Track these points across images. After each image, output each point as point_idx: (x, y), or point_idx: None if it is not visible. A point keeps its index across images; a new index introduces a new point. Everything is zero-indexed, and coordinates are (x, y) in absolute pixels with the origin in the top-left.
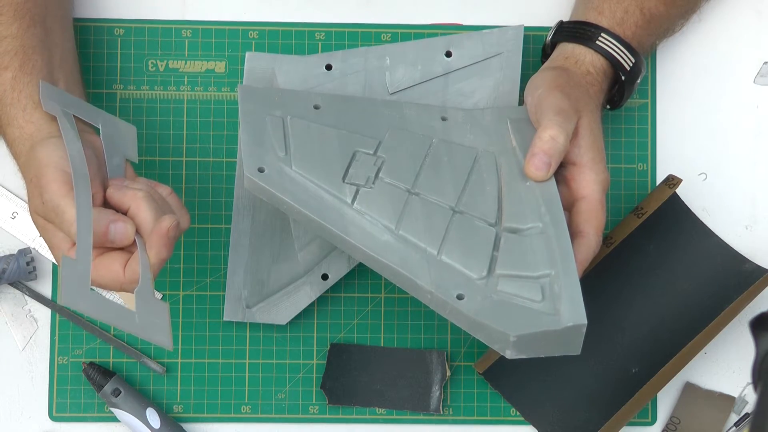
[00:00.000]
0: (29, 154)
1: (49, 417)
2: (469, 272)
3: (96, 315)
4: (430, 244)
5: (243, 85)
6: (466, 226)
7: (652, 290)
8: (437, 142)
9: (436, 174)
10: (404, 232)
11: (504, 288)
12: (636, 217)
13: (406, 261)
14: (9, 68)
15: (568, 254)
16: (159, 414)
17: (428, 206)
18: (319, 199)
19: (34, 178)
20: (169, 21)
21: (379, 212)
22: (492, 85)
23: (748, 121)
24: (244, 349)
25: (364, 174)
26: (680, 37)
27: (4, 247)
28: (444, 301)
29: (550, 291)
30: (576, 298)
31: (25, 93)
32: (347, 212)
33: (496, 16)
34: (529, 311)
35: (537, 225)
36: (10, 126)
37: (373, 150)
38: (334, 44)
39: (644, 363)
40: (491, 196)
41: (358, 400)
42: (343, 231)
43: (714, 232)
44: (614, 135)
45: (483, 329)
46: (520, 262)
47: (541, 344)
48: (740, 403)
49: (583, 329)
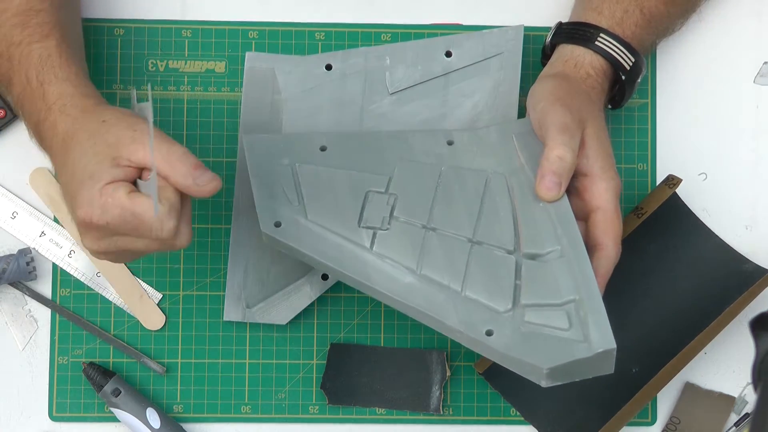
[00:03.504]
0: (98, 106)
1: (49, 417)
2: (495, 306)
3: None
4: (453, 281)
5: (248, 136)
6: (486, 257)
7: (652, 290)
8: (446, 169)
9: (450, 205)
10: (426, 271)
11: (531, 319)
12: (636, 217)
13: (432, 302)
14: (51, 36)
15: (590, 277)
16: (159, 414)
17: (446, 241)
18: (337, 247)
19: (115, 119)
20: (169, 21)
21: (399, 254)
22: (492, 85)
23: (748, 121)
24: (244, 349)
25: (378, 215)
26: (680, 37)
27: (4, 247)
28: (474, 338)
29: (577, 317)
30: (603, 323)
31: (73, 61)
32: (367, 258)
33: (496, 16)
34: (559, 340)
35: (556, 248)
36: (62, 82)
37: (384, 188)
38: (334, 44)
39: (644, 363)
40: (506, 222)
41: (358, 400)
42: (366, 278)
43: (714, 232)
44: (614, 135)
45: (515, 363)
46: (544, 290)
47: (574, 371)
48: (740, 403)
49: (613, 353)
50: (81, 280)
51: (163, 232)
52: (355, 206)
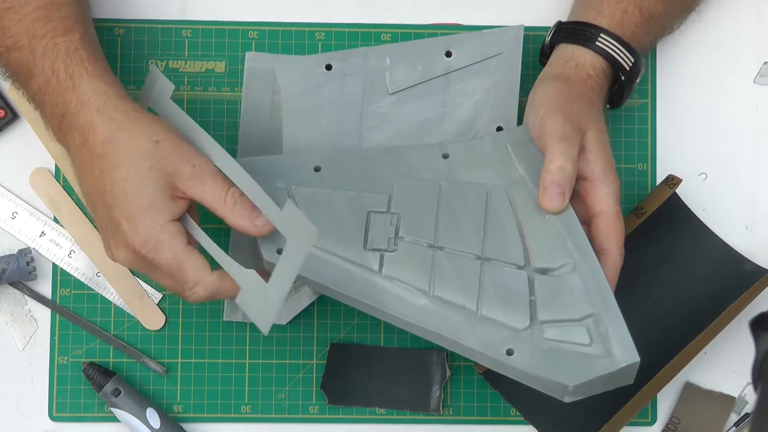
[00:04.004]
0: (137, 113)
1: (49, 417)
2: (513, 324)
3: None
4: (468, 301)
5: (241, 159)
6: (498, 275)
7: (652, 290)
8: (445, 184)
9: (454, 222)
10: (439, 292)
11: (551, 336)
12: (636, 217)
13: (449, 324)
14: (75, 30)
15: (606, 289)
16: (159, 414)
17: (455, 259)
18: (345, 272)
19: (170, 142)
20: (169, 21)
21: (410, 276)
22: (492, 85)
23: (748, 121)
24: (244, 349)
25: (384, 236)
26: (680, 37)
27: (4, 247)
28: (495, 359)
29: (597, 332)
30: (624, 336)
31: (99, 57)
32: (377, 281)
33: (496, 16)
34: (581, 356)
35: (568, 262)
36: (94, 78)
37: (385, 207)
38: (334, 44)
39: (644, 363)
40: (514, 237)
41: (358, 400)
42: (378, 303)
43: (714, 232)
44: (614, 135)
45: (538, 381)
46: (561, 305)
47: (597, 385)
48: (740, 403)
49: (637, 366)
50: (81, 280)
51: (191, 296)
52: (358, 228)
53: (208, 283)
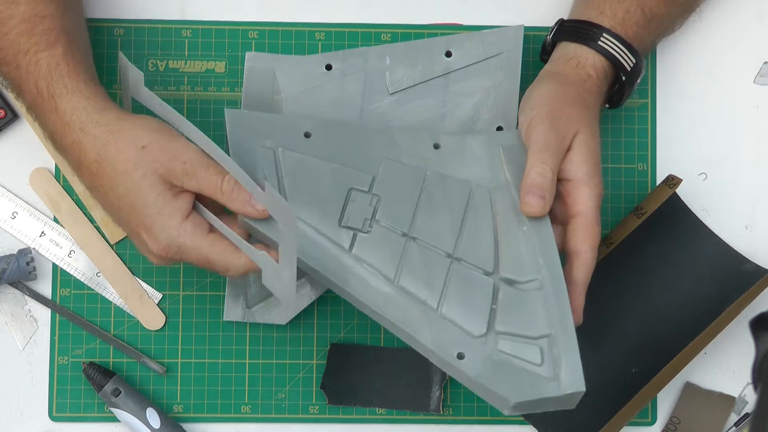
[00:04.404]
0: (119, 121)
1: (49, 417)
2: (470, 329)
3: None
4: (430, 297)
5: (230, 110)
6: (465, 277)
7: (653, 290)
8: (431, 175)
9: (432, 215)
10: (404, 283)
11: (504, 348)
12: (636, 217)
13: (407, 316)
14: (58, 44)
15: (567, 314)
16: (159, 414)
17: (426, 253)
18: (318, 246)
19: (155, 144)
20: (169, 21)
21: (378, 260)
22: (492, 85)
23: (748, 121)
24: (244, 349)
25: (360, 216)
26: (680, 37)
27: (4, 247)
28: (445, 360)
29: (550, 354)
30: (575, 364)
31: (81, 68)
32: (345, 260)
33: (496, 16)
34: (529, 374)
35: (535, 279)
36: (73, 94)
37: (367, 187)
38: (334, 44)
39: (644, 363)
40: (487, 242)
41: (358, 400)
42: (343, 282)
43: (714, 232)
44: (614, 135)
45: (483, 390)
46: (519, 320)
47: (538, 405)
48: (740, 403)
49: (581, 395)
50: (81, 280)
51: (229, 277)
52: (337, 203)
53: (239, 266)
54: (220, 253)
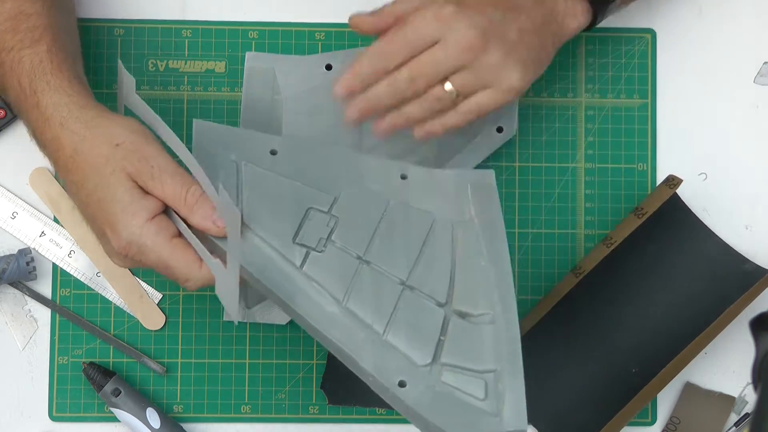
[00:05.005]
0: (98, 119)
1: (49, 417)
2: (414, 357)
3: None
4: (376, 322)
5: (198, 121)
6: (415, 305)
7: (652, 290)
8: (394, 204)
9: (390, 242)
10: (352, 305)
11: (447, 380)
12: (636, 218)
13: (351, 338)
14: (42, 41)
15: (517, 351)
16: (159, 414)
17: (378, 278)
18: (267, 258)
19: (129, 143)
20: (169, 21)
21: (328, 280)
22: None
23: (748, 121)
24: (244, 349)
25: (315, 235)
26: (680, 36)
27: (4, 247)
28: (385, 386)
29: (494, 389)
30: (519, 402)
31: (65, 66)
32: (295, 277)
33: None
34: (471, 409)
35: (488, 313)
36: (55, 91)
37: (327, 207)
38: (334, 44)
39: (644, 363)
40: (443, 273)
41: (358, 400)
42: (289, 299)
43: (714, 232)
44: (614, 135)
45: (422, 421)
46: (467, 353)
47: None
48: (740, 403)
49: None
50: (81, 280)
51: (187, 288)
52: (294, 220)
53: (199, 278)
54: (181, 260)
